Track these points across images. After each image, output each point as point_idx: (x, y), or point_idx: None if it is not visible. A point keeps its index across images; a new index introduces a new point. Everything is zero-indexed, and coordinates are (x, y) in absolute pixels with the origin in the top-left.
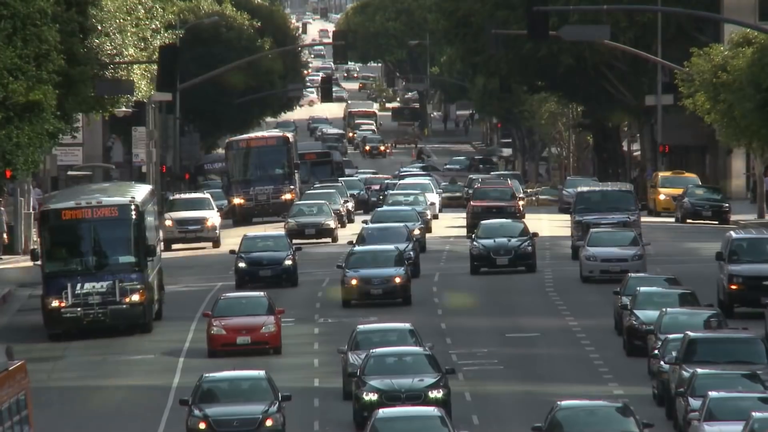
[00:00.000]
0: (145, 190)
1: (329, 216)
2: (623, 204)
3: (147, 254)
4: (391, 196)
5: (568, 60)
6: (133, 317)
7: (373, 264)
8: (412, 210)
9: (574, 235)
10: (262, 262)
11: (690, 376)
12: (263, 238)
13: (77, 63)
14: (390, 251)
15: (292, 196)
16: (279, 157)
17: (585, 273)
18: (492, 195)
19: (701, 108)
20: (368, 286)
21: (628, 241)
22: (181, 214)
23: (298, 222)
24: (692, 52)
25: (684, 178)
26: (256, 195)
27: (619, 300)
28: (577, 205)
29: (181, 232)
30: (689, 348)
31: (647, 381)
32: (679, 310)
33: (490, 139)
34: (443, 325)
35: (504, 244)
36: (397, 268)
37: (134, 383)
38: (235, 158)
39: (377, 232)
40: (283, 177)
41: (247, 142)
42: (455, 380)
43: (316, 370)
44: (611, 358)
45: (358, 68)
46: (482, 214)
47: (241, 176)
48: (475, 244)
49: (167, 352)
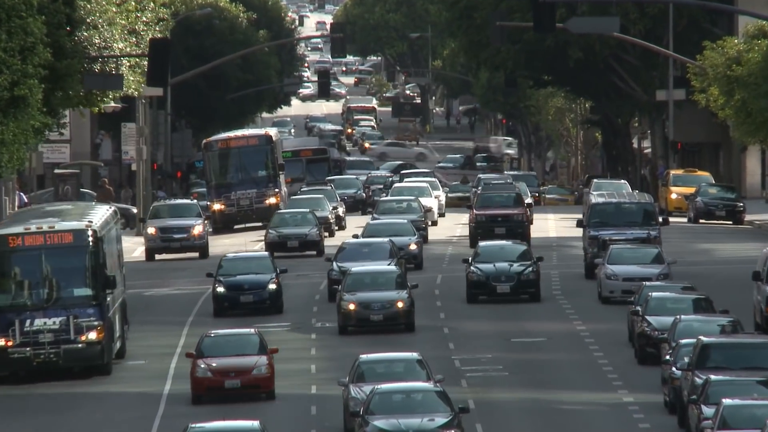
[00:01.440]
0: (106, 213)
1: (314, 226)
2: (643, 218)
3: (106, 286)
4: (382, 203)
5: (576, 53)
6: (89, 358)
7: (372, 287)
8: (406, 223)
9: (588, 252)
10: (243, 287)
11: (703, 382)
12: (244, 260)
13: (64, 56)
14: (391, 272)
15: (277, 200)
16: (261, 158)
17: (605, 293)
18: (497, 201)
19: (714, 103)
20: (368, 311)
21: (651, 258)
22: (164, 222)
23: (280, 233)
24: (705, 45)
25: (696, 176)
26: (238, 200)
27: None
28: (591, 218)
29: (164, 241)
30: (702, 353)
31: (659, 389)
32: (694, 317)
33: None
34: (446, 330)
35: (505, 270)
36: (399, 292)
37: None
38: (214, 160)
39: (359, 248)
40: (267, 179)
41: (226, 142)
42: (458, 386)
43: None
44: (622, 365)
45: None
46: (487, 223)
47: (221, 179)
48: (472, 270)
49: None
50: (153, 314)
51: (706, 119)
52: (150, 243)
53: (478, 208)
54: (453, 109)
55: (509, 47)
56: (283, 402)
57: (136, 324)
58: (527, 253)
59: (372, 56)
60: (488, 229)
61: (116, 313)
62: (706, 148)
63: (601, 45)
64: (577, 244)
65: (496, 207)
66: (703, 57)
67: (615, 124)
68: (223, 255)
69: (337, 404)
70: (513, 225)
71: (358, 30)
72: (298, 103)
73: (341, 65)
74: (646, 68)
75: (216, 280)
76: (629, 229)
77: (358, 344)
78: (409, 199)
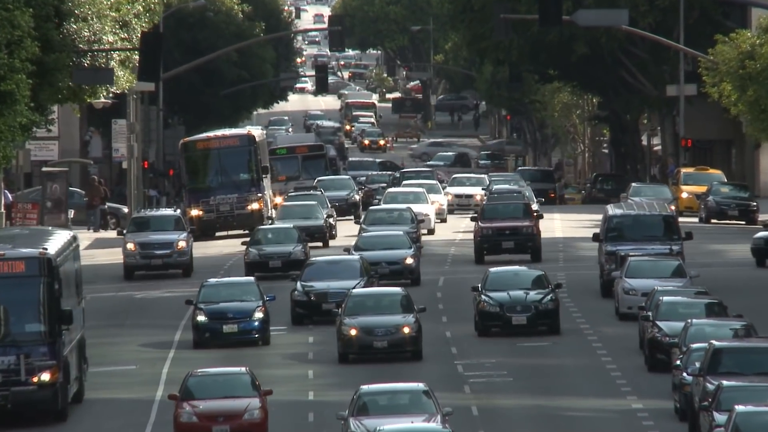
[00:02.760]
0: (63, 239)
1: (299, 243)
2: (663, 231)
3: (62, 321)
4: (371, 213)
5: (582, 47)
6: (42, 401)
7: (375, 310)
8: (402, 235)
9: (604, 268)
10: (227, 315)
11: (715, 388)
12: (227, 285)
13: (52, 50)
14: (395, 294)
15: (260, 206)
16: (243, 160)
17: (623, 309)
18: (503, 212)
19: (727, 99)
20: (371, 337)
21: (672, 271)
22: (145, 237)
23: (261, 252)
24: (717, 38)
25: (708, 174)
26: (218, 205)
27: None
28: (607, 232)
29: (145, 258)
30: (714, 358)
31: (670, 396)
32: (706, 321)
33: (498, 132)
34: (448, 334)
35: (521, 299)
36: (405, 316)
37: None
38: (191, 161)
39: (326, 266)
40: (249, 183)
41: (205, 143)
42: (461, 393)
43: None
44: (631, 370)
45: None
46: (493, 237)
47: (199, 183)
48: (484, 299)
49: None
50: (145, 317)
51: (718, 115)
52: (129, 259)
53: (484, 221)
54: None
55: (514, 40)
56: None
57: (127, 327)
58: (544, 279)
59: (371, 49)
60: (495, 243)
61: (73, 352)
62: (718, 145)
63: (609, 38)
64: (585, 245)
65: (503, 219)
66: (715, 51)
67: (623, 120)
68: (204, 281)
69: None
70: (522, 238)
71: (357, 23)
72: (295, 99)
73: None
74: (655, 62)
75: (196, 308)
76: (649, 244)
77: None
78: (400, 209)
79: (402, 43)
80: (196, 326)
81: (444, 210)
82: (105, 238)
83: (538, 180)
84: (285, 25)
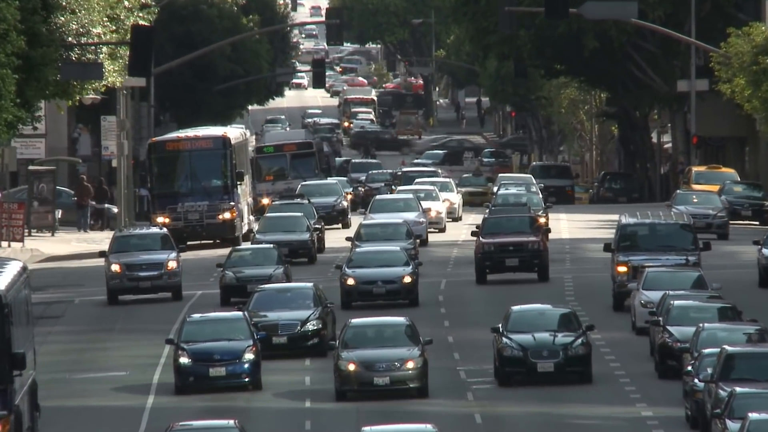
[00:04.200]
0: (12, 271)
1: (279, 265)
2: (679, 242)
3: (13, 366)
4: (366, 228)
5: (590, 41)
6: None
7: (376, 342)
8: (398, 251)
9: (616, 280)
10: (213, 357)
11: (728, 395)
12: (213, 322)
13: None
14: (398, 324)
15: (232, 216)
16: (216, 164)
17: (640, 323)
18: (507, 227)
19: (740, 95)
20: (371, 372)
21: (692, 283)
22: (131, 257)
23: (238, 274)
24: (730, 31)
25: (721, 173)
26: (186, 213)
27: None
28: (620, 242)
29: (131, 281)
30: (727, 364)
31: (681, 403)
32: (718, 326)
33: (503, 129)
34: (450, 339)
35: (547, 343)
36: (410, 348)
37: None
38: (159, 164)
39: (275, 294)
40: (222, 190)
41: (175, 144)
42: (464, 400)
43: None
44: (641, 377)
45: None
46: (496, 254)
47: (166, 188)
48: (505, 342)
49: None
50: (135, 322)
51: (731, 112)
52: (114, 282)
53: (486, 236)
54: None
55: (519, 34)
56: None
57: (117, 333)
58: (573, 319)
59: (371, 43)
60: (498, 261)
61: (25, 399)
62: (731, 143)
63: (618, 32)
64: (593, 247)
65: (507, 234)
66: (727, 44)
67: (633, 117)
68: (186, 317)
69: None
70: (527, 255)
71: (356, 15)
72: (292, 95)
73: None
74: (666, 57)
75: (178, 348)
76: (665, 254)
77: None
78: (396, 223)
79: (402, 37)
80: (179, 369)
81: (456, 208)
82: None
83: (554, 176)
84: (281, 18)
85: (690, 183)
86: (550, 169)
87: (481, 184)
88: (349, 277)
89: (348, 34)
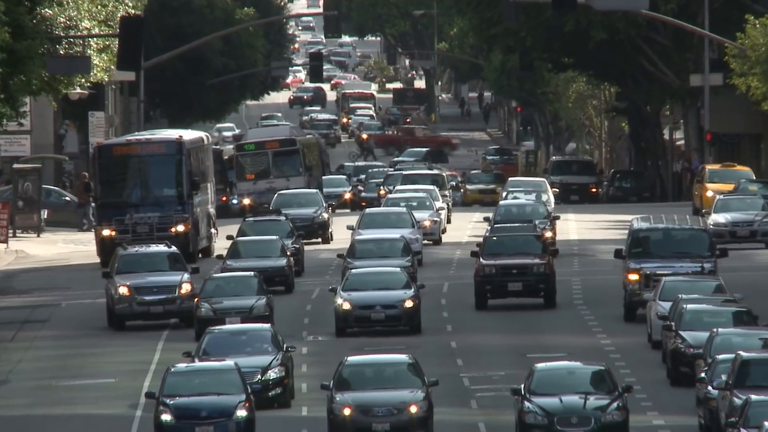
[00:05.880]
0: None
1: (261, 295)
2: (694, 248)
3: None
4: (359, 245)
5: (599, 33)
6: None
7: (376, 383)
8: (399, 272)
9: (627, 289)
10: (200, 414)
11: (743, 403)
12: (200, 373)
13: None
14: (400, 363)
15: (186, 228)
16: (169, 172)
17: (656, 336)
18: (510, 246)
19: (756, 90)
20: (369, 418)
21: (711, 293)
22: (140, 279)
23: (216, 307)
24: (748, 19)
25: (735, 171)
26: (134, 225)
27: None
28: (631, 248)
29: (141, 305)
30: (742, 370)
31: (694, 411)
32: (733, 331)
33: (508, 125)
34: (453, 344)
35: (577, 407)
36: (413, 390)
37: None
38: (106, 170)
39: (229, 337)
40: (175, 200)
41: (123, 148)
42: (467, 408)
43: None
44: (652, 384)
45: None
46: (498, 278)
47: (114, 197)
48: (528, 407)
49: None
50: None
51: (746, 107)
52: (122, 307)
53: (487, 256)
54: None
55: (525, 26)
56: None
57: (105, 338)
58: (607, 378)
59: (371, 36)
60: (500, 285)
61: None
62: (746, 139)
63: (628, 24)
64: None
65: (510, 255)
66: (743, 37)
67: (644, 112)
68: (169, 368)
69: None
70: (533, 279)
71: (354, 7)
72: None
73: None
74: (678, 50)
75: (159, 402)
76: (678, 261)
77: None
78: (393, 239)
79: (403, 29)
80: (160, 427)
81: (439, 224)
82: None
83: (575, 172)
84: (276, 10)
85: (703, 181)
86: (572, 165)
87: (491, 181)
88: (345, 300)
89: (347, 26)
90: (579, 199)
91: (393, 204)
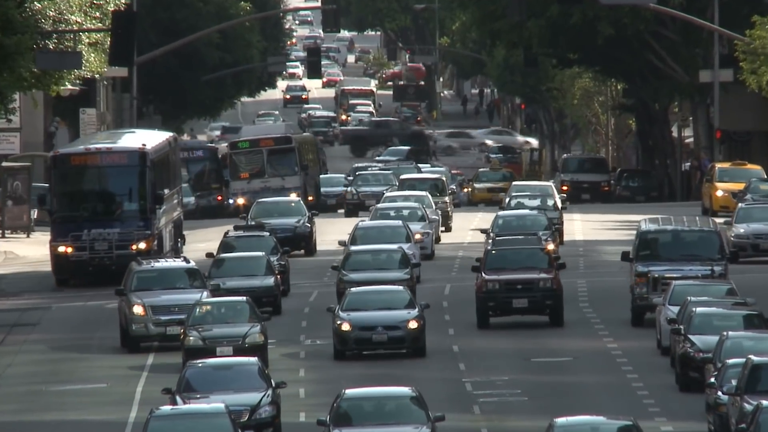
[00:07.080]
0: None
1: (254, 322)
2: (704, 250)
3: None
4: (355, 254)
5: (606, 28)
6: None
7: (376, 418)
8: (402, 290)
9: (635, 292)
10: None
11: (753, 409)
12: (187, 417)
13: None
14: (402, 396)
15: (148, 246)
16: (130, 184)
17: (666, 342)
18: (515, 260)
19: (767, 87)
20: None
21: (723, 298)
22: (156, 298)
23: (205, 335)
24: (756, 18)
25: (746, 170)
26: (92, 242)
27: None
28: (639, 250)
29: (158, 325)
30: (753, 375)
31: (703, 417)
32: (744, 334)
33: (511, 122)
34: (455, 348)
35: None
36: (418, 427)
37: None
38: (63, 182)
39: (213, 372)
40: (137, 215)
41: (81, 158)
42: (470, 414)
43: None
44: (660, 389)
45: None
46: (501, 294)
47: (70, 211)
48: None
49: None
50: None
51: (757, 104)
52: (137, 328)
53: (489, 271)
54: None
55: (530, 20)
56: None
57: (98, 340)
58: None
59: (370, 30)
60: (504, 302)
61: None
62: (757, 137)
63: (635, 18)
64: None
65: (514, 269)
66: (753, 32)
67: (651, 109)
68: (153, 410)
69: None
70: (539, 295)
71: (354, 0)
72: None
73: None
74: (687, 45)
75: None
76: (688, 264)
77: None
78: (390, 250)
79: (404, 24)
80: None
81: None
82: None
83: (588, 170)
84: (273, 4)
85: (713, 181)
86: (584, 163)
87: (500, 180)
88: (344, 321)
89: (346, 20)
90: (591, 197)
91: (383, 215)
